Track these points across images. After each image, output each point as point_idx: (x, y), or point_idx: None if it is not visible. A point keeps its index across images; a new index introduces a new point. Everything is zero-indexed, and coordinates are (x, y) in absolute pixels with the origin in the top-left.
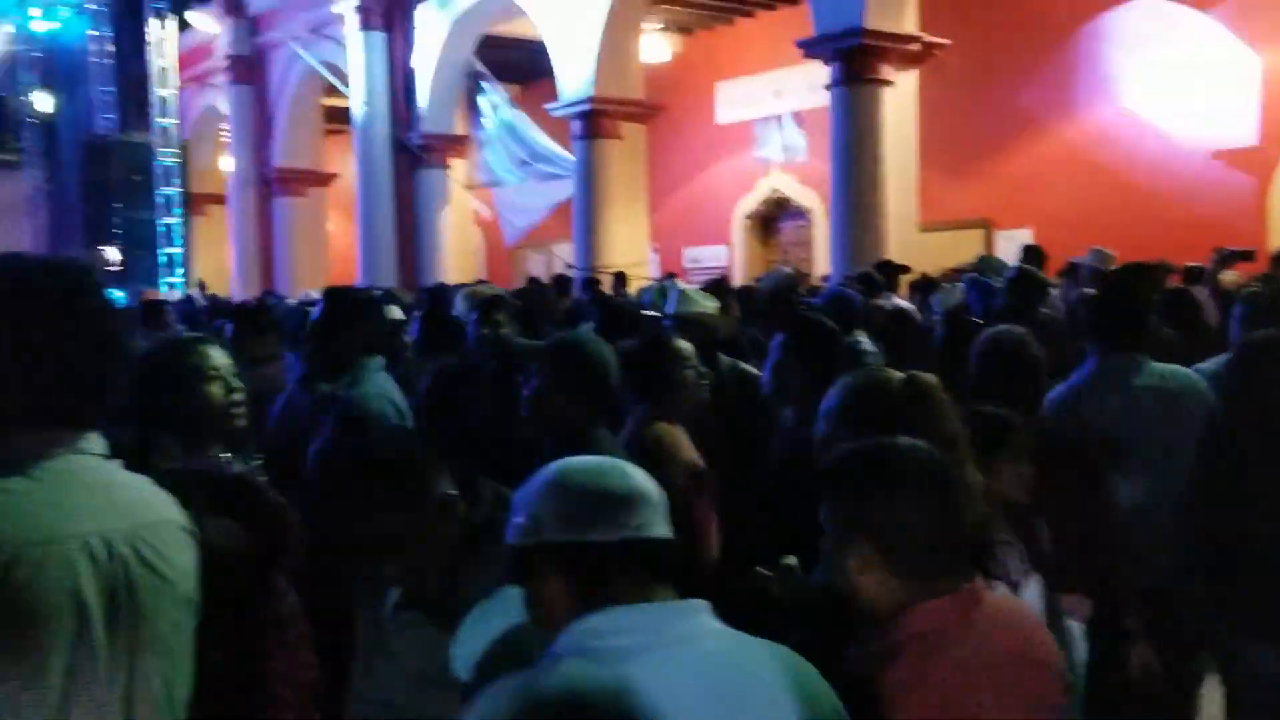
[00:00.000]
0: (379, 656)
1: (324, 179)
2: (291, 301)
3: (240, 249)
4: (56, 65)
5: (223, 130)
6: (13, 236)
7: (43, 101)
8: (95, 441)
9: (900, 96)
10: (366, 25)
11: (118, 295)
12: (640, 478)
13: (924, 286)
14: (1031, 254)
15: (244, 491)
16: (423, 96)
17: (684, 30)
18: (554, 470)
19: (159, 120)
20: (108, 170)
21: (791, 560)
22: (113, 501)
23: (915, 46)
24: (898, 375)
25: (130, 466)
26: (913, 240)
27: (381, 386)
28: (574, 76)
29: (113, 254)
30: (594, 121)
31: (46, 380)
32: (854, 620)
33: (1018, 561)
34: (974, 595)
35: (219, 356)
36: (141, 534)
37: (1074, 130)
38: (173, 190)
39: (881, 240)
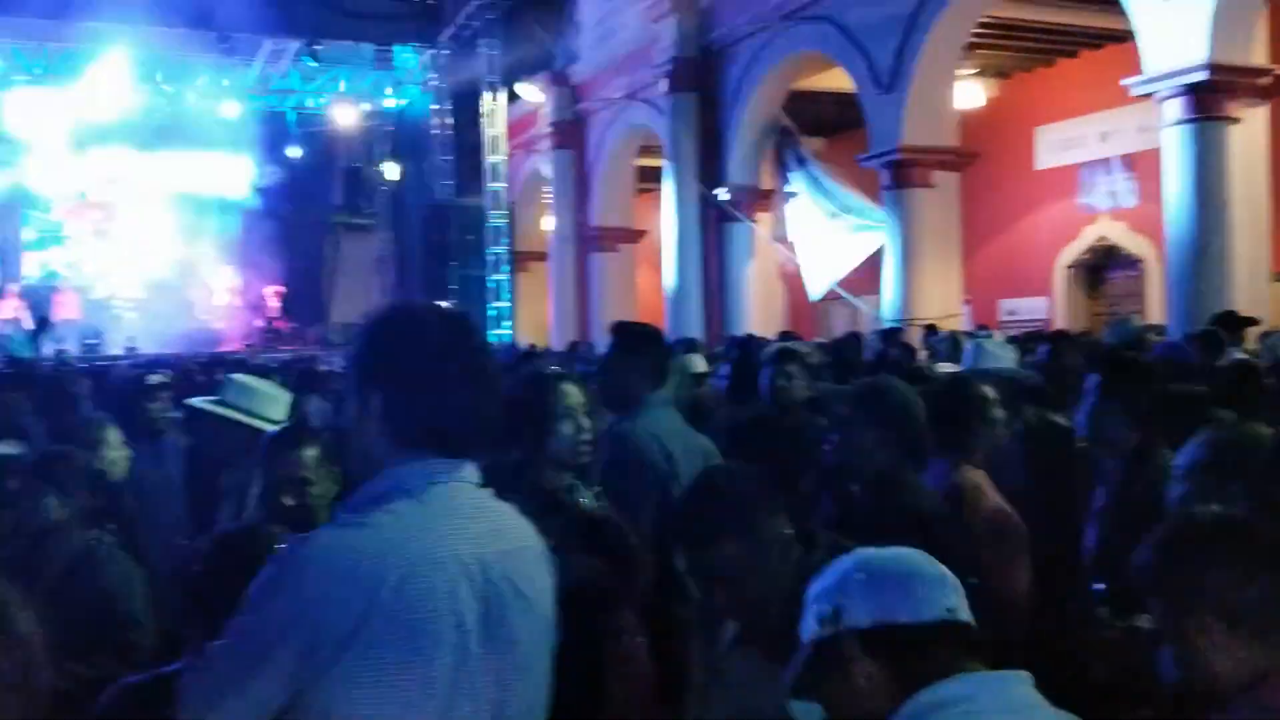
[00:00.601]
0: (714, 691)
1: (635, 235)
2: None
3: (559, 302)
4: (403, 138)
5: (546, 192)
6: (365, 291)
7: (391, 170)
8: (471, 470)
9: (1249, 134)
10: (676, 88)
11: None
12: (940, 565)
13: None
14: None
15: (606, 530)
16: (730, 153)
17: (1000, 74)
18: (854, 559)
19: (490, 185)
20: (445, 231)
21: (1143, 622)
22: (486, 527)
23: (1266, 80)
24: (1266, 431)
25: (497, 495)
26: (1264, 290)
27: (655, 423)
28: (884, 126)
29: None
30: (904, 171)
31: (436, 413)
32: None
33: None
34: None
35: (575, 395)
36: (511, 559)
37: None
38: (501, 249)
39: (1226, 290)
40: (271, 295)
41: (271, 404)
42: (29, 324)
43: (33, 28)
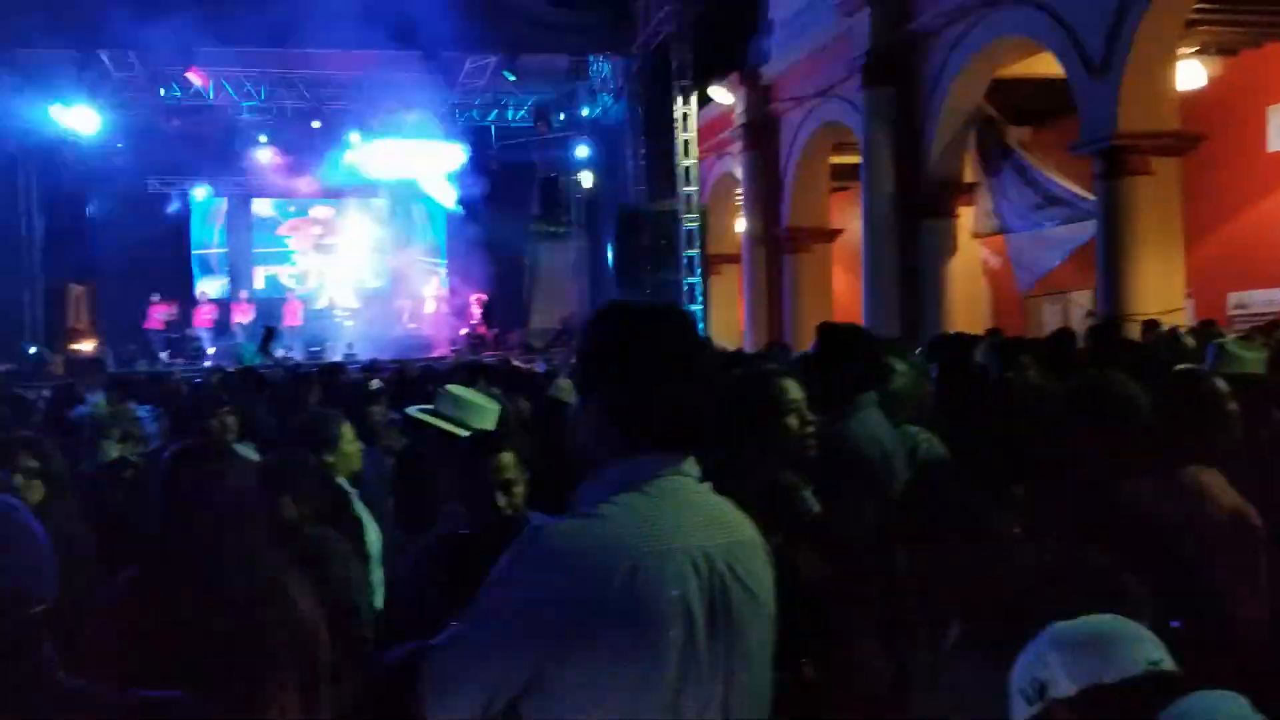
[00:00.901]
0: (936, 691)
1: (829, 235)
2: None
3: (751, 305)
4: (598, 145)
5: (737, 194)
6: (562, 298)
7: (586, 178)
8: (691, 465)
9: None
10: (871, 82)
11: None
12: (1136, 625)
13: None
14: None
15: (831, 528)
16: (930, 146)
17: (1226, 52)
18: (1047, 635)
19: (683, 189)
20: (640, 237)
21: None
22: (710, 520)
23: None
24: None
25: (721, 489)
26: None
27: (872, 426)
28: (1097, 112)
29: None
30: (1120, 158)
31: (656, 409)
32: None
33: None
34: None
35: (795, 390)
36: (734, 552)
37: None
38: (694, 252)
39: None
40: (475, 303)
41: (482, 415)
42: (257, 333)
43: (254, 58)
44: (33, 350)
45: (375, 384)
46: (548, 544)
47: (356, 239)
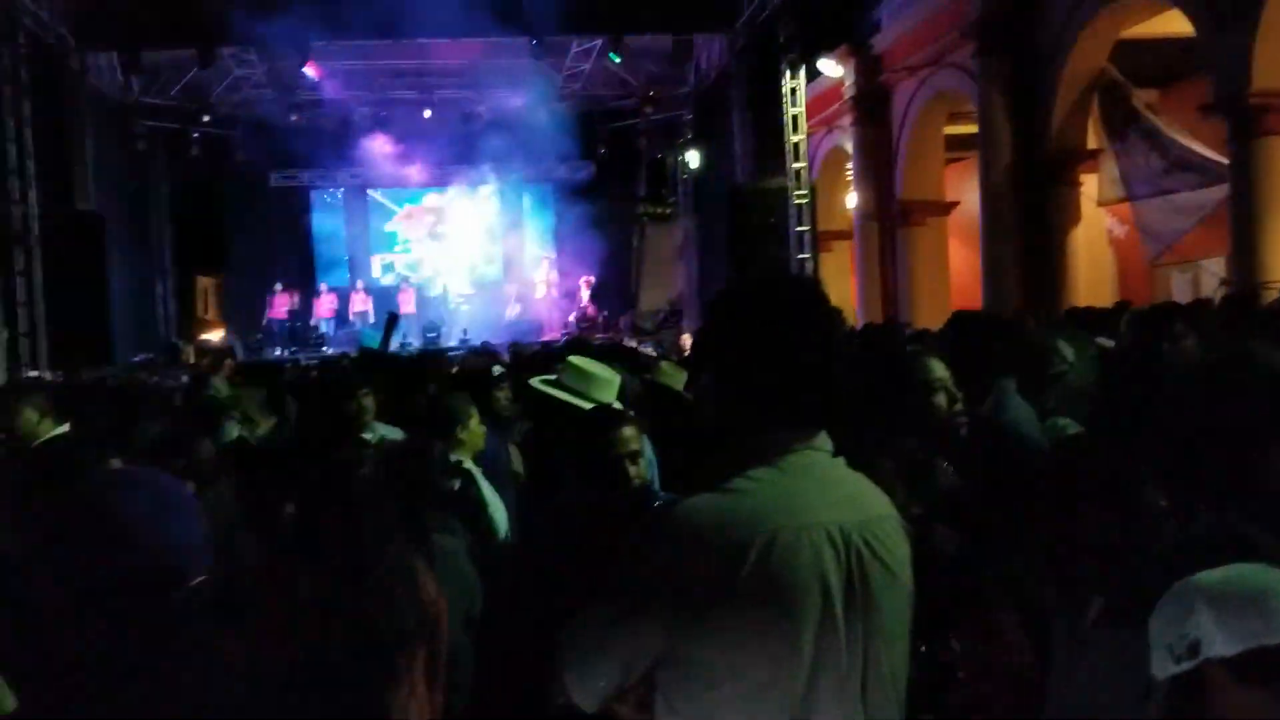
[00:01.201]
0: (1078, 667)
1: (945, 207)
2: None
3: (864, 281)
4: (704, 124)
5: (848, 169)
6: (670, 279)
7: (693, 158)
8: (825, 440)
9: None
10: (987, 49)
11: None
12: None
13: None
14: None
15: (972, 503)
16: (1050, 113)
17: None
18: (1187, 588)
19: (792, 165)
20: (748, 215)
21: None
22: (844, 495)
23: None
24: None
25: (859, 464)
26: None
27: (1016, 409)
28: (1230, 70)
29: None
30: (1256, 119)
31: (792, 383)
32: None
33: None
34: None
35: (941, 369)
36: (870, 527)
37: None
38: (804, 229)
39: None
40: (584, 285)
41: (605, 387)
42: (379, 321)
43: (366, 51)
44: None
45: (497, 369)
46: (683, 520)
47: (468, 226)
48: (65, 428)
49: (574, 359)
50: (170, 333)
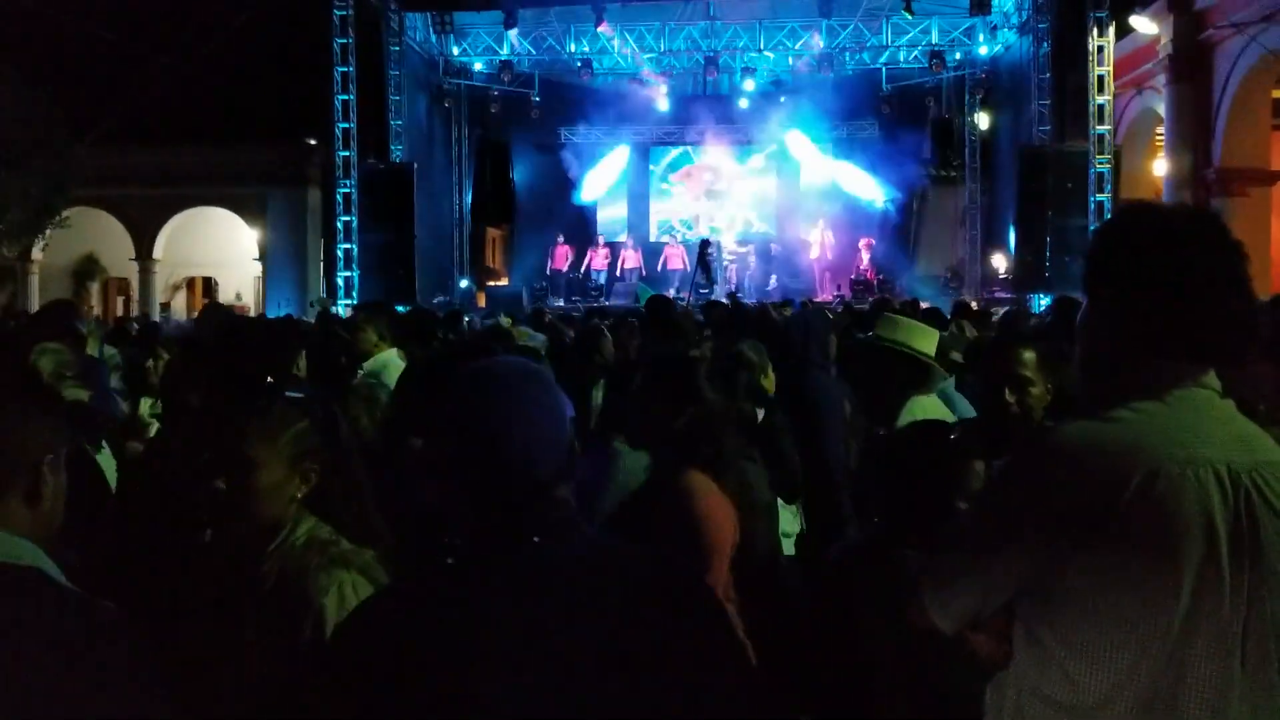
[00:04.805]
0: None
1: (1269, 177)
2: None
3: None
4: (997, 85)
5: (1158, 134)
6: (950, 243)
7: (982, 120)
8: (1213, 378)
9: None
10: None
11: None
12: None
13: None
14: None
15: None
16: None
17: None
18: None
19: (1095, 128)
20: (1043, 180)
21: None
22: (1234, 434)
23: None
24: None
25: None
26: None
27: None
28: None
29: (999, 261)
30: None
31: (1181, 316)
32: None
33: None
34: None
35: None
36: (1261, 470)
37: None
38: (1104, 197)
39: None
40: (863, 247)
41: (923, 337)
42: (654, 277)
43: (652, 10)
44: (464, 284)
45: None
46: (1057, 444)
47: (743, 185)
48: (395, 351)
49: (890, 314)
50: (465, 278)
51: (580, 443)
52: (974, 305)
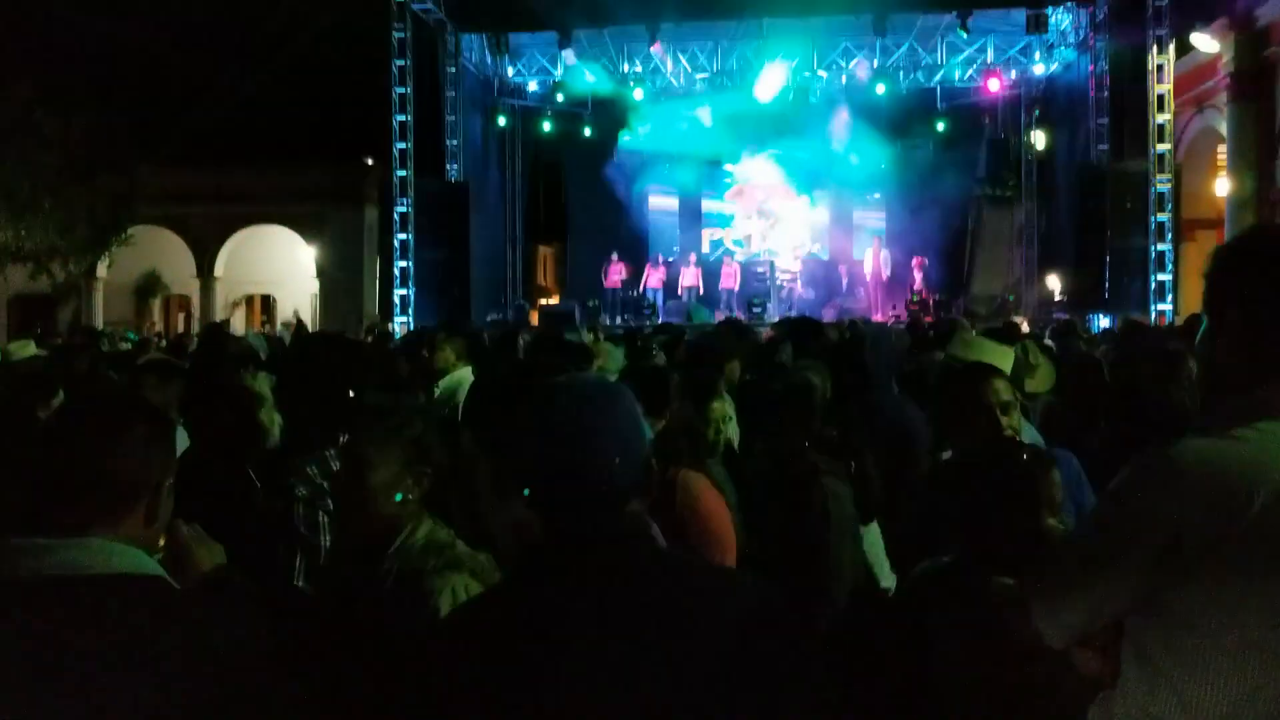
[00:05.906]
0: None
1: None
2: None
3: None
4: (1054, 104)
5: (1220, 153)
6: (1005, 263)
7: (1039, 139)
8: None
9: None
10: None
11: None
12: None
13: None
14: None
15: None
16: None
17: None
18: None
19: (1155, 147)
20: (1101, 199)
21: None
22: None
23: None
24: None
25: None
26: None
27: None
28: None
29: (1054, 283)
30: None
31: None
32: None
33: None
34: None
35: None
36: None
37: None
38: (1164, 217)
39: None
40: (916, 266)
41: (996, 356)
42: (711, 297)
43: (700, 30)
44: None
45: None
46: (1179, 459)
47: (797, 203)
48: (469, 369)
49: (965, 334)
50: (517, 296)
51: None
52: (1025, 326)
